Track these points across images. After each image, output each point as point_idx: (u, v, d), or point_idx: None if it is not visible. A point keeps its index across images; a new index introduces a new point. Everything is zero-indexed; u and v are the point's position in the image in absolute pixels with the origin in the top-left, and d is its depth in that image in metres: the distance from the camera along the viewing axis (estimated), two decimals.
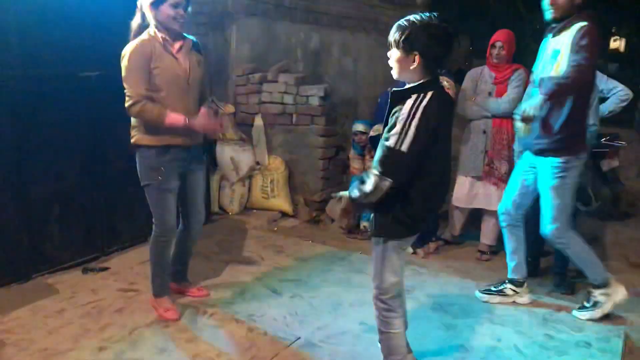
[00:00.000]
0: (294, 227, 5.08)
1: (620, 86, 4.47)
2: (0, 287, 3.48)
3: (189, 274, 3.60)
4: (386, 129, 2.26)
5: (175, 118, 2.94)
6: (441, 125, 2.25)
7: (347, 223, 2.69)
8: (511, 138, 4.38)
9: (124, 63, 2.97)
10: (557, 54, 3.23)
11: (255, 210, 5.30)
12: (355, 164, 5.25)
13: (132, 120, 3.08)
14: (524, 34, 10.94)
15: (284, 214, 5.31)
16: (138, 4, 3.03)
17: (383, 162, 2.20)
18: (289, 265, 4.06)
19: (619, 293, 3.43)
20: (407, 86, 2.28)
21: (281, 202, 5.29)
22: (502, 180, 4.41)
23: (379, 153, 2.24)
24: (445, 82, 3.65)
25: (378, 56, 7.70)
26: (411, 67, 2.23)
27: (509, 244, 3.69)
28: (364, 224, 4.97)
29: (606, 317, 3.40)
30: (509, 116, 4.34)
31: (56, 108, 3.71)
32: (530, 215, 4.14)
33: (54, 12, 3.63)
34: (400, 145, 2.15)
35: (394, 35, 2.26)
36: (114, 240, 4.19)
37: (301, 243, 4.57)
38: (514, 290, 3.63)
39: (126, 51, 2.98)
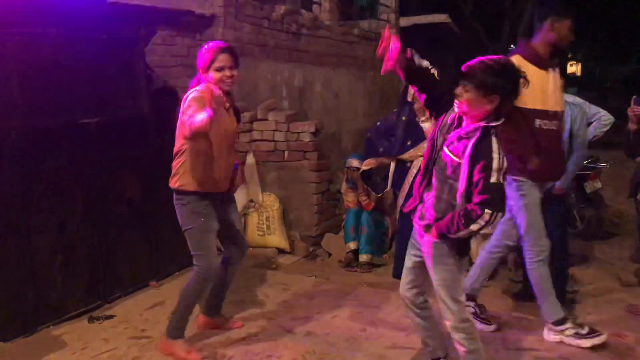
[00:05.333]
0: (292, 264, 5.10)
1: (603, 112, 4.68)
2: (5, 341, 3.39)
3: None
4: (481, 165, 2.37)
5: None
6: None
7: None
8: None
9: (187, 101, 2.94)
10: None
11: (251, 249, 5.28)
12: (349, 198, 5.33)
13: (175, 167, 3.15)
14: None
15: (281, 251, 5.32)
16: None
17: (493, 200, 2.35)
18: (298, 303, 4.06)
19: None
20: (492, 124, 2.43)
21: (277, 239, 5.30)
22: None
23: (484, 193, 2.34)
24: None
25: (358, 90, 7.89)
26: (488, 108, 2.41)
27: None
28: (362, 257, 5.02)
29: (615, 335, 3.50)
30: None
31: (57, 156, 3.69)
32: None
33: (53, 61, 3.64)
34: (500, 179, 2.38)
35: (481, 75, 2.39)
36: (116, 286, 4.13)
37: (304, 279, 4.57)
38: None
39: (193, 91, 3.01)
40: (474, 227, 2.36)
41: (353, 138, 7.63)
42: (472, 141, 2.40)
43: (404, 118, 4.60)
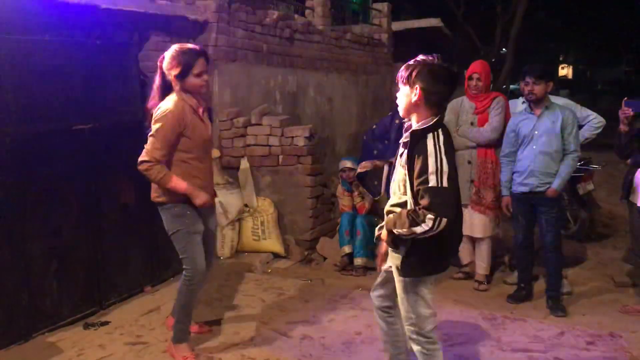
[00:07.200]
0: (287, 268, 5.09)
1: (594, 114, 4.71)
2: (0, 349, 3.38)
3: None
4: (418, 174, 2.32)
5: (177, 184, 3.07)
6: (454, 170, 2.38)
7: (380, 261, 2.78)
8: (496, 167, 4.54)
9: (159, 121, 3.03)
10: None
11: (246, 253, 5.29)
12: (344, 201, 5.34)
13: None
14: None
15: (276, 255, 5.32)
16: (159, 64, 3.15)
17: (434, 205, 2.25)
18: (293, 307, 4.06)
19: None
20: (423, 126, 2.40)
21: (272, 243, 5.30)
22: (489, 207, 4.55)
23: (425, 199, 2.26)
24: None
25: (351, 94, 7.91)
26: (413, 100, 2.39)
27: None
28: (357, 260, 5.03)
29: (609, 335, 3.53)
30: (493, 145, 4.54)
31: (51, 163, 3.69)
32: (521, 242, 4.30)
33: (47, 67, 3.64)
34: (442, 183, 2.26)
35: (401, 72, 2.45)
36: (111, 292, 4.12)
37: (299, 283, 4.58)
38: None
39: (165, 110, 3.04)
40: (417, 229, 2.27)
41: (347, 142, 7.65)
42: (407, 147, 2.40)
43: (397, 121, 4.62)
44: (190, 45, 3.16)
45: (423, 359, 2.56)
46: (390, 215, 2.48)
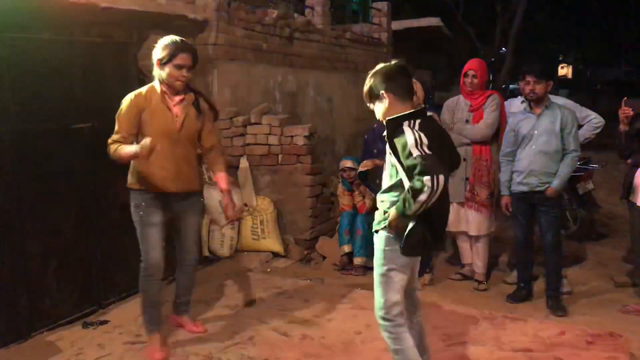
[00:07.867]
0: (287, 267, 5.09)
1: (593, 114, 4.72)
2: None
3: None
4: (402, 154, 2.45)
5: (126, 151, 3.08)
6: (437, 146, 2.48)
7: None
8: (490, 164, 4.55)
9: (121, 105, 3.21)
10: None
11: (246, 253, 5.28)
12: (344, 201, 5.32)
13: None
14: None
15: (275, 254, 5.31)
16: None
17: (425, 167, 2.37)
18: (293, 306, 4.05)
19: None
20: (398, 114, 2.54)
21: (272, 243, 5.30)
22: (483, 205, 4.55)
23: (417, 168, 2.38)
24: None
25: (351, 94, 7.90)
26: (386, 104, 2.58)
27: None
28: (356, 260, 5.03)
29: (610, 335, 3.52)
30: (488, 142, 4.54)
31: (51, 162, 3.70)
32: (521, 241, 4.30)
33: (46, 66, 3.63)
34: (424, 150, 2.41)
35: (364, 95, 2.68)
36: (110, 291, 4.12)
37: (299, 283, 4.58)
38: None
39: (128, 95, 3.22)
40: (422, 197, 2.37)
41: (346, 141, 7.64)
42: (388, 137, 2.55)
43: None
44: (181, 39, 3.20)
45: (392, 344, 2.66)
46: (394, 206, 2.56)
